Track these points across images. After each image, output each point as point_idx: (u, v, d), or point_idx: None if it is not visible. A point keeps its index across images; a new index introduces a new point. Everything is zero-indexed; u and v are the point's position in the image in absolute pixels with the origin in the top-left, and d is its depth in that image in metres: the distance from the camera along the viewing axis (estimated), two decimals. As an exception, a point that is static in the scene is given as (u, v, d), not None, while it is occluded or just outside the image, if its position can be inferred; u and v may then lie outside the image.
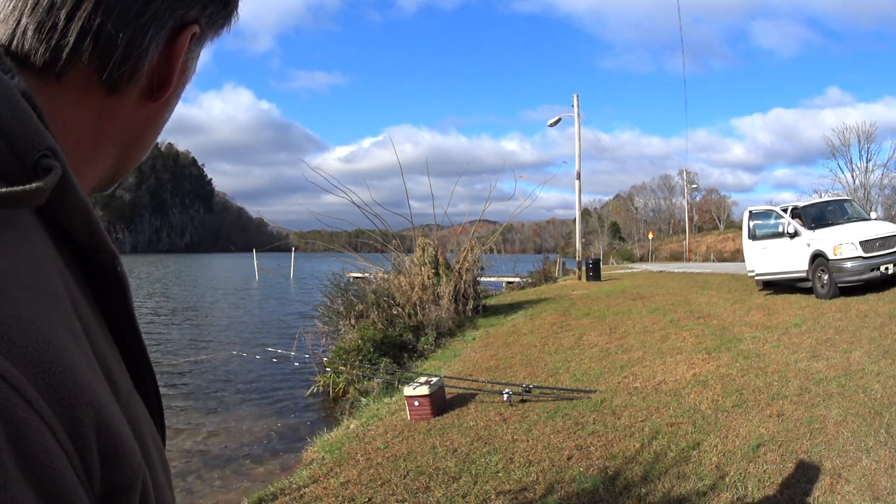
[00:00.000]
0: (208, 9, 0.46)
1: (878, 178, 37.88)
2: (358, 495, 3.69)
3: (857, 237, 8.73)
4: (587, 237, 58.42)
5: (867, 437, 3.67)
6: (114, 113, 0.44)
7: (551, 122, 23.50)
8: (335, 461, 4.39)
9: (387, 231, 12.88)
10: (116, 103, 0.44)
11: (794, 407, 4.42)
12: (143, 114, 0.46)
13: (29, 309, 0.31)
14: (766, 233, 10.64)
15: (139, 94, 0.45)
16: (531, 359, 7.32)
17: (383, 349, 8.44)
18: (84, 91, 0.42)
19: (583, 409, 5.00)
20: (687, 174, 67.45)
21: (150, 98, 0.46)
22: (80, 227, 0.38)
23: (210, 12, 0.47)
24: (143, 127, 0.47)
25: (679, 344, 7.13)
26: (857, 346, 5.86)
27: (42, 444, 0.28)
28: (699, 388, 5.19)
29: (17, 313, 0.30)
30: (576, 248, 24.76)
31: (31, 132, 0.35)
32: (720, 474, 3.47)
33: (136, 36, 0.42)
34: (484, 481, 3.73)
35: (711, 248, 50.92)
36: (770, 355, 6.04)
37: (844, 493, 3.07)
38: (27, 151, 0.34)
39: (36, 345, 0.30)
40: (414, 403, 5.22)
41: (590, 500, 3.35)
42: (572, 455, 4.03)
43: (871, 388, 4.54)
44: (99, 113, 0.43)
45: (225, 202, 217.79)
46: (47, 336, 0.30)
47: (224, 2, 0.48)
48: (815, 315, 7.79)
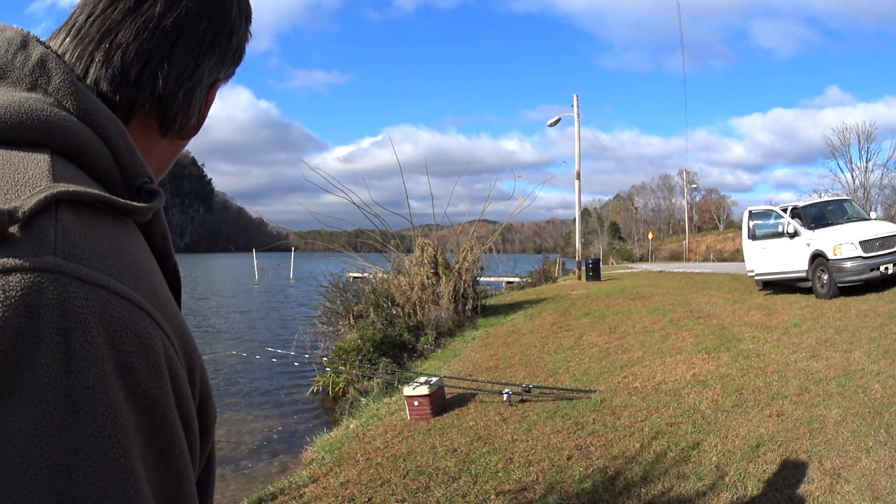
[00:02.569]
0: (230, 70, 0.61)
1: (878, 177, 37.91)
2: (358, 495, 3.68)
3: (856, 237, 8.73)
4: (587, 237, 58.39)
5: (867, 436, 3.67)
6: (158, 149, 0.57)
7: (551, 122, 23.50)
8: (335, 461, 4.39)
9: (386, 231, 12.88)
10: (161, 142, 0.57)
11: (794, 407, 4.42)
12: (173, 148, 0.60)
13: (161, 288, 0.44)
14: (765, 233, 10.64)
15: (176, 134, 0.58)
16: (531, 359, 7.32)
17: (383, 349, 8.43)
18: (143, 133, 0.54)
19: (582, 409, 5.00)
20: (687, 174, 67.56)
21: (182, 137, 0.59)
22: (158, 239, 0.50)
23: (230, 72, 0.62)
24: (170, 159, 0.61)
25: (679, 344, 7.13)
26: (857, 345, 5.86)
27: (181, 377, 0.41)
28: (699, 388, 5.19)
29: (160, 292, 0.43)
30: (575, 247, 24.76)
31: (138, 163, 0.47)
32: (720, 474, 3.47)
33: (188, 95, 0.56)
34: (483, 481, 3.73)
35: (711, 248, 50.94)
36: (770, 355, 6.04)
37: (844, 493, 3.07)
38: (135, 178, 0.47)
39: (174, 315, 0.43)
40: (414, 403, 5.22)
41: (589, 500, 3.35)
42: (572, 455, 4.02)
43: (870, 387, 4.54)
44: (149, 150, 0.55)
45: (224, 202, 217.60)
46: (176, 310, 0.44)
47: (238, 62, 0.62)
48: (814, 315, 7.79)
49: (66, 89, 0.45)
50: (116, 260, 0.40)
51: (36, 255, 0.35)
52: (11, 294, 0.34)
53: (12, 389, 0.32)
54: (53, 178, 0.40)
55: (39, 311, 0.34)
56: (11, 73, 0.45)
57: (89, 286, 0.36)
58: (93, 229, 0.40)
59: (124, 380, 0.36)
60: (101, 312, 0.36)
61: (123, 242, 0.42)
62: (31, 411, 0.32)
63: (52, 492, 0.31)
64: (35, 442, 0.32)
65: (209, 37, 0.55)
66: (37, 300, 0.34)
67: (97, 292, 0.37)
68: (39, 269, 0.35)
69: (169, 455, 0.38)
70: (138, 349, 0.37)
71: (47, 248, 0.36)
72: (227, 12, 0.57)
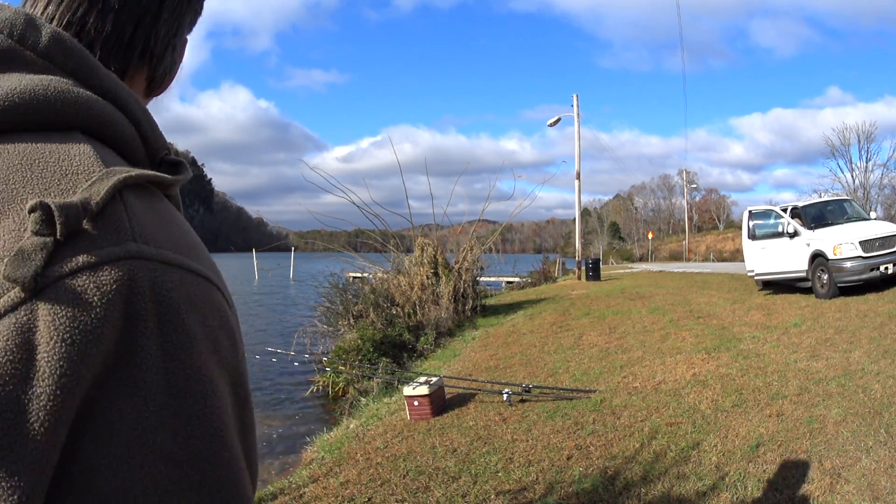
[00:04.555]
0: (194, 23, 0.61)
1: (878, 177, 37.93)
2: (357, 495, 3.68)
3: (856, 237, 8.73)
4: (587, 237, 58.41)
5: (867, 436, 3.67)
6: None
7: (551, 122, 23.50)
8: (335, 461, 4.39)
9: (386, 231, 12.87)
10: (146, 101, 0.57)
11: (794, 407, 4.42)
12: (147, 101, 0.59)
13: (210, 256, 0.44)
14: (765, 233, 10.64)
15: None
16: (531, 359, 7.32)
17: (383, 349, 8.43)
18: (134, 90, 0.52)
19: (582, 409, 5.00)
20: (686, 174, 67.55)
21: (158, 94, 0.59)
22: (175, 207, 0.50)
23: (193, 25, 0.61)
24: None
25: (679, 344, 7.13)
26: (857, 345, 5.86)
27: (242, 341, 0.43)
28: (699, 388, 5.19)
29: (211, 260, 0.44)
30: (575, 247, 24.76)
31: (158, 135, 0.49)
32: (720, 474, 3.47)
33: (171, 52, 0.56)
34: (483, 481, 3.73)
35: (711, 247, 50.92)
36: (770, 355, 6.04)
37: (844, 492, 3.07)
38: (157, 151, 0.48)
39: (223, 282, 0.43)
40: (413, 403, 5.21)
41: (589, 500, 3.34)
42: (572, 455, 4.02)
43: (870, 387, 4.54)
44: None
45: (224, 202, 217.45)
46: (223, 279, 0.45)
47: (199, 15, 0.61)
48: (814, 315, 7.79)
49: (86, 68, 0.44)
50: (179, 236, 0.41)
51: (117, 244, 0.35)
52: (106, 290, 0.34)
53: (123, 385, 0.33)
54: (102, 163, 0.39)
55: (134, 302, 0.34)
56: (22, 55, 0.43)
57: (172, 268, 0.37)
58: (153, 209, 0.40)
59: (216, 353, 0.38)
60: (187, 293, 0.37)
61: (174, 216, 0.43)
62: (140, 402, 0.33)
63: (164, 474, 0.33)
64: (146, 430, 0.33)
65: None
66: (130, 291, 0.34)
67: (179, 273, 0.37)
68: (125, 258, 0.35)
69: (246, 415, 0.41)
70: (219, 323, 0.39)
71: (126, 236, 0.36)
72: None
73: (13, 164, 0.38)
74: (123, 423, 0.33)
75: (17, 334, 0.31)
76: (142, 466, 0.33)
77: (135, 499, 0.32)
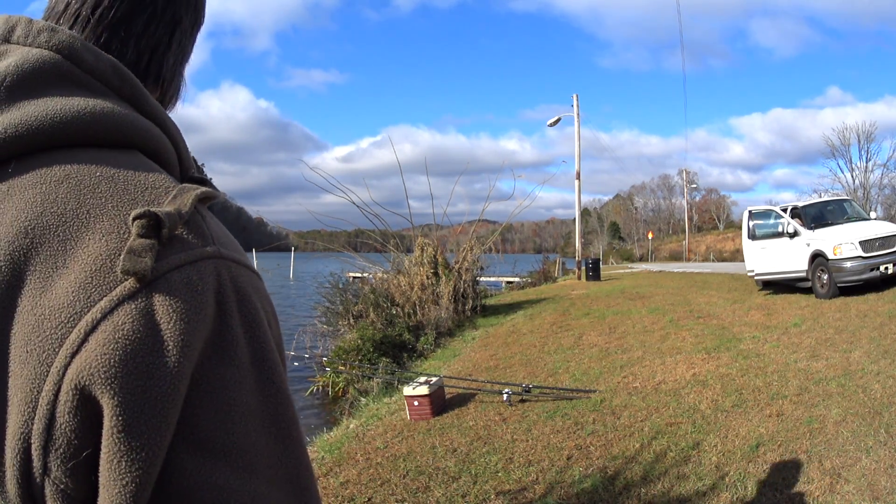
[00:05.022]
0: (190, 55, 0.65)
1: (878, 177, 37.87)
2: (357, 495, 3.68)
3: (856, 237, 8.74)
4: (587, 237, 58.42)
5: (867, 436, 3.67)
6: None
7: (551, 122, 23.50)
8: (334, 461, 4.39)
9: (386, 231, 12.87)
10: None
11: (794, 407, 4.42)
12: None
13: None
14: (765, 233, 10.65)
15: None
16: (531, 359, 7.32)
17: (383, 349, 8.43)
18: None
19: (582, 409, 5.00)
20: (686, 174, 67.59)
21: None
22: None
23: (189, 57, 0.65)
24: None
25: (679, 344, 7.13)
26: (857, 345, 5.86)
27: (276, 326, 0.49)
28: (699, 388, 5.19)
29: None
30: (575, 247, 24.77)
31: (188, 156, 0.55)
32: (720, 474, 3.47)
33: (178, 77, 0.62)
34: (483, 481, 3.73)
35: (711, 247, 50.92)
36: (770, 355, 6.04)
37: (844, 492, 3.07)
38: (188, 170, 0.54)
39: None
40: (413, 403, 5.21)
41: (589, 500, 3.34)
42: (572, 455, 4.02)
43: (870, 387, 4.55)
44: None
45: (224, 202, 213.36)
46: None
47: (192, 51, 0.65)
48: (814, 315, 7.79)
49: (139, 95, 0.50)
50: (231, 238, 0.48)
51: (205, 247, 0.43)
52: (205, 280, 0.41)
53: (222, 358, 0.41)
54: (172, 180, 0.47)
55: (222, 291, 0.42)
56: (82, 78, 0.48)
57: (239, 265, 0.45)
58: (214, 219, 0.48)
59: (272, 329, 0.46)
60: (252, 284, 0.46)
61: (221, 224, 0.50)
62: (237, 372, 0.41)
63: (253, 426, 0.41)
64: (240, 392, 0.41)
65: (190, 27, 0.62)
66: (219, 282, 0.42)
67: (244, 270, 0.45)
68: (213, 257, 0.43)
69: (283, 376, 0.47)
70: (270, 307, 0.48)
71: (209, 240, 0.44)
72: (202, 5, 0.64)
73: (94, 175, 0.44)
74: (225, 386, 0.40)
75: (141, 316, 0.38)
76: (237, 420, 0.40)
77: (233, 445, 0.39)
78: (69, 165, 0.44)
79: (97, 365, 0.37)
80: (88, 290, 0.39)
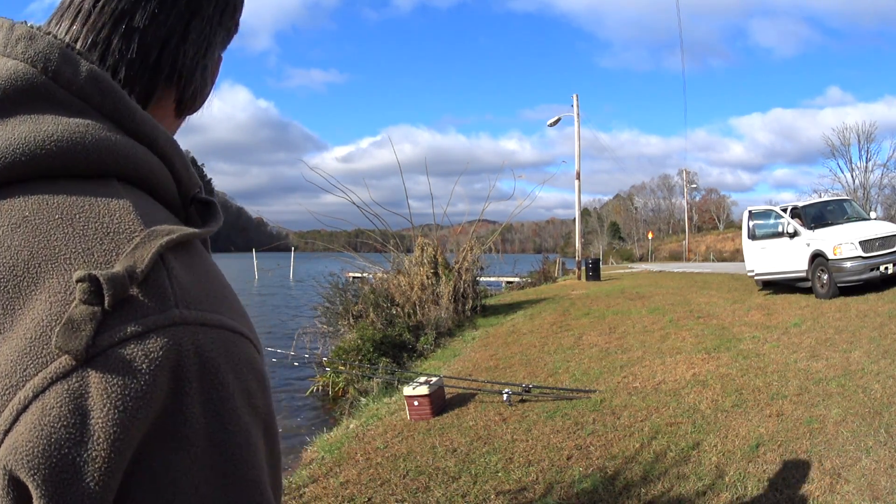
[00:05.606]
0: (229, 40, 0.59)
1: (878, 177, 37.92)
2: (357, 495, 3.68)
3: (856, 237, 8.74)
4: (587, 237, 58.40)
5: (867, 436, 3.67)
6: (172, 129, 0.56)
7: (551, 122, 23.50)
8: (335, 461, 4.39)
9: (386, 231, 12.87)
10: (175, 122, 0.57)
11: (794, 407, 4.42)
12: (176, 125, 0.58)
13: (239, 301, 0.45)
14: (765, 233, 10.65)
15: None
16: (531, 359, 7.32)
17: (383, 349, 8.43)
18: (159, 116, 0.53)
19: (582, 409, 5.00)
20: (686, 174, 67.60)
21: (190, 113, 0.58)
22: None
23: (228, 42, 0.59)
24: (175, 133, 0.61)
25: (679, 344, 7.13)
26: (857, 345, 5.86)
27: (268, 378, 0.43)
28: (699, 388, 5.19)
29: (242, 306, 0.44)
30: (575, 247, 24.77)
31: (191, 175, 0.49)
32: (720, 474, 3.47)
33: (203, 72, 0.55)
34: (483, 481, 3.73)
35: (711, 247, 50.93)
36: (770, 355, 6.04)
37: (844, 492, 3.07)
38: (189, 190, 0.48)
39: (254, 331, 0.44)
40: (413, 403, 5.21)
41: (589, 500, 3.34)
42: (572, 455, 4.02)
43: (870, 387, 4.55)
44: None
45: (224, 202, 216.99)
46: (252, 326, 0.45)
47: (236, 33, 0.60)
48: (814, 315, 7.79)
49: (123, 110, 0.44)
50: (215, 290, 0.42)
51: (162, 312, 0.36)
52: (155, 357, 0.35)
53: (169, 442, 0.35)
54: (143, 221, 0.40)
55: (181, 366, 0.36)
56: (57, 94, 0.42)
57: (212, 329, 0.39)
58: (190, 267, 0.41)
59: (250, 405, 0.39)
60: (225, 350, 0.39)
61: (207, 268, 0.43)
62: (186, 457, 0.35)
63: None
64: (190, 481, 0.35)
65: (218, 14, 0.55)
66: (177, 357, 0.36)
67: (217, 333, 0.39)
68: (171, 325, 0.36)
69: (276, 449, 0.43)
70: (253, 375, 0.41)
71: (170, 302, 0.37)
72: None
73: (53, 218, 0.39)
74: (170, 474, 0.35)
75: (70, 400, 0.33)
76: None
77: None
78: (31, 204, 0.39)
79: (23, 451, 0.33)
80: (25, 361, 0.34)
